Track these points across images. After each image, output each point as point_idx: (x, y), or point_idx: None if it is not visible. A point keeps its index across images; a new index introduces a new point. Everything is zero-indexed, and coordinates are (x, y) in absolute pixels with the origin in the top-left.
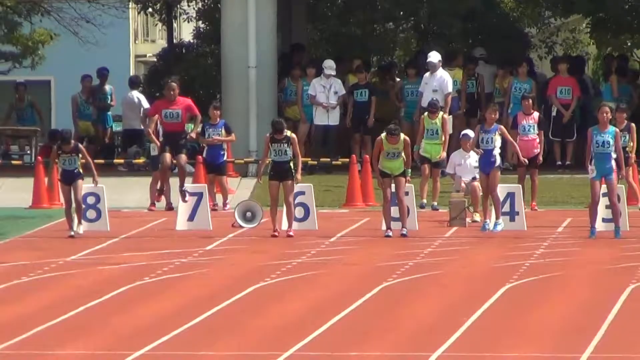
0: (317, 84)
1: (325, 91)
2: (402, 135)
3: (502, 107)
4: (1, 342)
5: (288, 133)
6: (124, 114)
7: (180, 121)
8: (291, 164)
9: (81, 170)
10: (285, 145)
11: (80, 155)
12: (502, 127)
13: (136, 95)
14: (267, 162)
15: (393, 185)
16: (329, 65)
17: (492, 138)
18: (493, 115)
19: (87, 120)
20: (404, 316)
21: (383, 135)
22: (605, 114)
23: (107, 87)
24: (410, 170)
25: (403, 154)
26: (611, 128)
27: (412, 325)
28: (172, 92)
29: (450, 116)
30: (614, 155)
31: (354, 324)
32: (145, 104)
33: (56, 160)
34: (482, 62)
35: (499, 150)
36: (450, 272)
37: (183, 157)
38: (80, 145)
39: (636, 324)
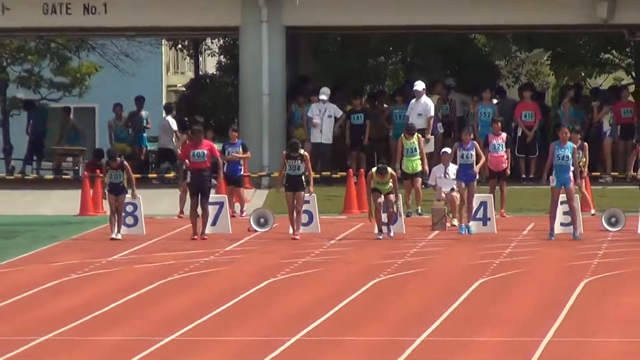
0: (315, 108)
1: (321, 114)
2: (390, 170)
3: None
4: (55, 329)
5: (302, 152)
6: (160, 135)
7: (205, 160)
8: (302, 177)
9: (126, 185)
10: (299, 162)
11: (124, 171)
12: (476, 143)
13: (169, 119)
14: (283, 174)
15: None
16: (323, 92)
17: (470, 154)
18: (469, 136)
19: (121, 141)
20: (394, 306)
21: (374, 170)
22: (565, 134)
23: (144, 113)
24: (399, 203)
25: (391, 183)
26: (569, 144)
27: (400, 314)
28: (199, 141)
29: (433, 136)
30: (571, 168)
31: (351, 313)
32: (175, 127)
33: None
34: (452, 90)
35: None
36: (432, 269)
37: (208, 204)
38: (125, 162)
39: (589, 313)
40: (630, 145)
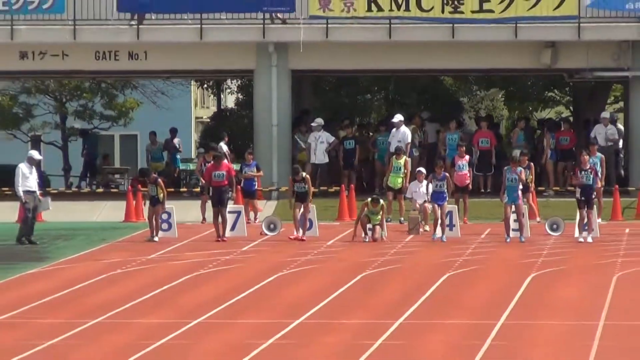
0: (312, 136)
1: (316, 140)
2: (382, 202)
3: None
4: (105, 314)
5: (304, 174)
6: None
7: (223, 180)
8: (308, 192)
9: (160, 198)
10: (302, 183)
11: (158, 186)
12: (447, 174)
13: (222, 145)
14: (292, 191)
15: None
16: (317, 121)
17: (443, 183)
18: (441, 169)
19: (156, 161)
20: (377, 295)
21: (369, 199)
22: (514, 164)
23: (176, 140)
24: (384, 233)
25: (380, 214)
26: (518, 169)
27: (382, 302)
28: (219, 164)
29: (410, 158)
30: (520, 187)
31: (343, 301)
32: (225, 149)
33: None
34: (427, 122)
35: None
36: (409, 265)
37: (226, 212)
38: (159, 179)
39: (535, 301)
40: (569, 166)
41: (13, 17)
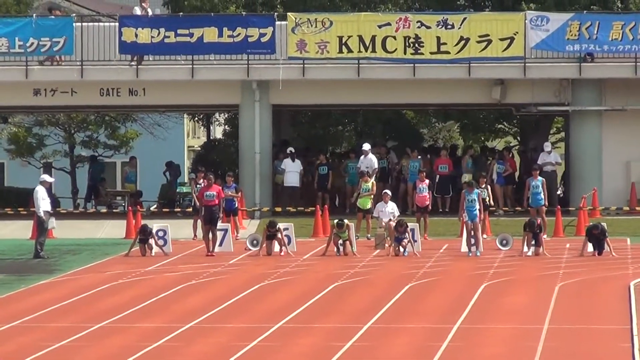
0: (287, 161)
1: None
2: (346, 222)
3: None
4: (105, 320)
5: (347, 222)
6: None
7: (214, 199)
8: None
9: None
10: (346, 229)
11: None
12: (479, 191)
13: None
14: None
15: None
16: (289, 150)
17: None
18: (472, 187)
19: (130, 183)
20: (348, 303)
21: (335, 222)
22: (471, 186)
23: (175, 164)
24: (354, 247)
25: (347, 232)
26: (475, 191)
27: (353, 308)
28: (210, 185)
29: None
30: (477, 207)
31: (318, 307)
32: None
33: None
34: (391, 150)
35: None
36: (375, 277)
37: (217, 230)
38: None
39: (487, 307)
40: (510, 189)
41: (27, 59)
